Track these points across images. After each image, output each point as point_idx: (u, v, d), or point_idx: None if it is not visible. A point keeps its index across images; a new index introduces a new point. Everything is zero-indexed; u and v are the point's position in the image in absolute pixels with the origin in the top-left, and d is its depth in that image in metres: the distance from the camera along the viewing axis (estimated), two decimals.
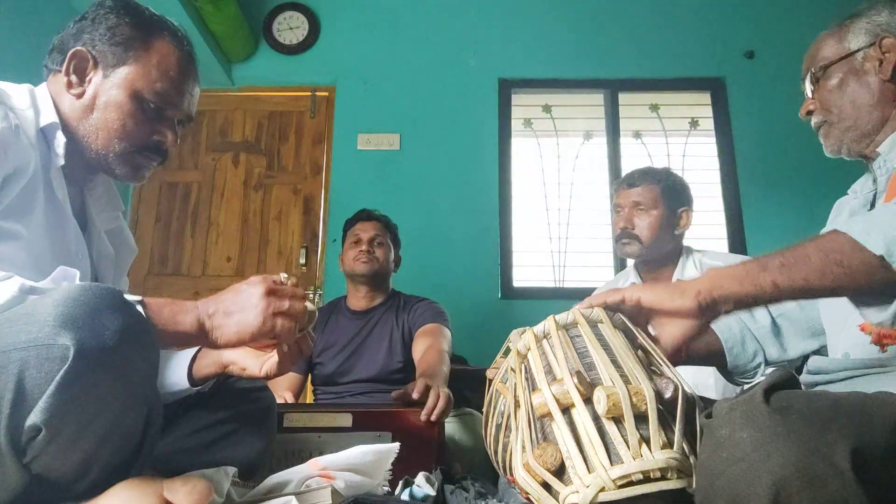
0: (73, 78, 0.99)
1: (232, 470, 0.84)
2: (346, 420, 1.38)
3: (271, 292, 0.87)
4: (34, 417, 0.66)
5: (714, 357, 1.17)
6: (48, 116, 0.96)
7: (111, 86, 0.99)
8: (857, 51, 0.99)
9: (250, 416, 1.13)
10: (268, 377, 1.02)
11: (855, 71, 0.99)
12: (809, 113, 1.06)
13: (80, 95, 0.99)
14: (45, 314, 0.68)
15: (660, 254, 1.76)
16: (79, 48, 0.99)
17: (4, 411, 0.66)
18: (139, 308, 0.78)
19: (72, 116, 0.99)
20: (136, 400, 0.74)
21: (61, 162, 0.95)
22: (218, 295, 0.89)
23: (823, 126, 1.04)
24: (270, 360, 1.01)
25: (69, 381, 0.66)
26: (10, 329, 0.69)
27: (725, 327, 1.17)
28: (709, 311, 0.80)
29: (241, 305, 0.86)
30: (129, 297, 0.79)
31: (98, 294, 0.71)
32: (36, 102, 0.97)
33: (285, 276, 0.93)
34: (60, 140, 0.95)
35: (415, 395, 1.40)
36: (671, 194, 1.76)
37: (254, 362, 1.02)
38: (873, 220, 0.76)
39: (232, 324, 0.85)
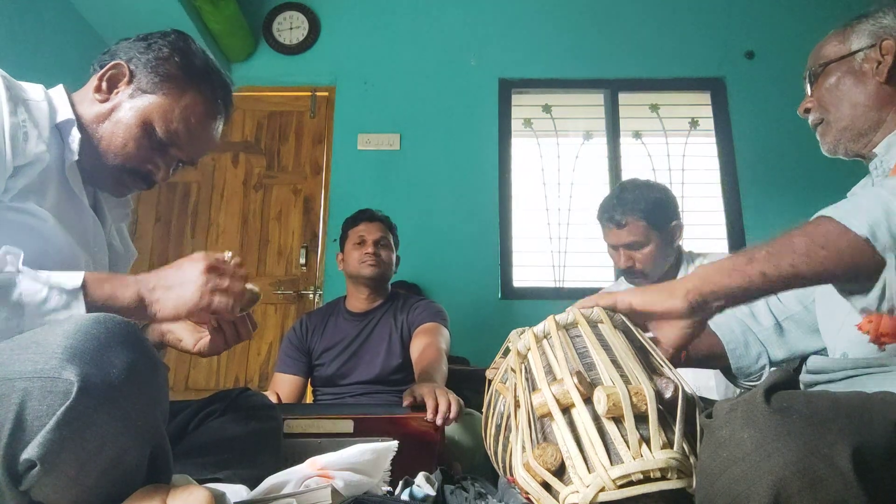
0: (104, 84, 1.02)
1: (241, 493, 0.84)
2: (347, 426, 1.37)
3: (212, 269, 0.88)
4: (30, 451, 0.64)
5: (716, 359, 1.16)
6: (64, 113, 0.98)
7: (130, 106, 1.01)
8: (858, 51, 0.98)
9: (260, 436, 1.11)
10: (200, 354, 1.04)
11: (853, 71, 0.99)
12: (807, 111, 1.06)
13: (102, 101, 1.02)
14: (54, 345, 0.66)
15: (666, 268, 1.74)
16: (121, 62, 1.02)
17: (2, 440, 0.64)
18: (79, 285, 0.79)
19: (88, 118, 1.01)
20: (140, 438, 0.72)
21: (75, 157, 0.96)
22: (159, 269, 0.89)
23: (821, 125, 1.04)
24: (206, 338, 1.02)
25: (70, 419, 0.64)
26: (18, 357, 0.67)
27: (727, 329, 1.16)
28: (700, 309, 0.79)
29: (181, 280, 0.87)
30: (70, 274, 0.80)
31: (110, 328, 0.70)
32: (50, 99, 0.98)
33: (230, 254, 0.94)
34: (75, 136, 0.97)
35: (429, 415, 1.37)
36: (659, 220, 1.69)
37: (189, 336, 1.04)
38: (857, 202, 0.76)
39: (170, 297, 0.86)
